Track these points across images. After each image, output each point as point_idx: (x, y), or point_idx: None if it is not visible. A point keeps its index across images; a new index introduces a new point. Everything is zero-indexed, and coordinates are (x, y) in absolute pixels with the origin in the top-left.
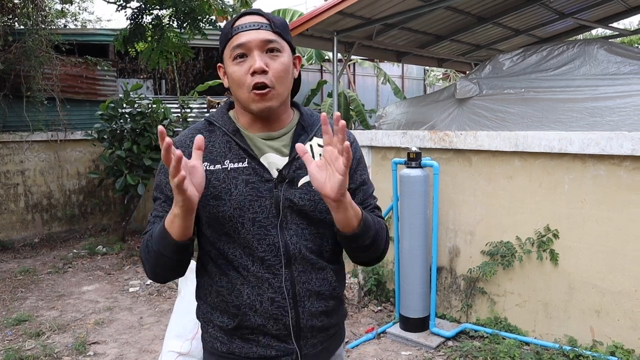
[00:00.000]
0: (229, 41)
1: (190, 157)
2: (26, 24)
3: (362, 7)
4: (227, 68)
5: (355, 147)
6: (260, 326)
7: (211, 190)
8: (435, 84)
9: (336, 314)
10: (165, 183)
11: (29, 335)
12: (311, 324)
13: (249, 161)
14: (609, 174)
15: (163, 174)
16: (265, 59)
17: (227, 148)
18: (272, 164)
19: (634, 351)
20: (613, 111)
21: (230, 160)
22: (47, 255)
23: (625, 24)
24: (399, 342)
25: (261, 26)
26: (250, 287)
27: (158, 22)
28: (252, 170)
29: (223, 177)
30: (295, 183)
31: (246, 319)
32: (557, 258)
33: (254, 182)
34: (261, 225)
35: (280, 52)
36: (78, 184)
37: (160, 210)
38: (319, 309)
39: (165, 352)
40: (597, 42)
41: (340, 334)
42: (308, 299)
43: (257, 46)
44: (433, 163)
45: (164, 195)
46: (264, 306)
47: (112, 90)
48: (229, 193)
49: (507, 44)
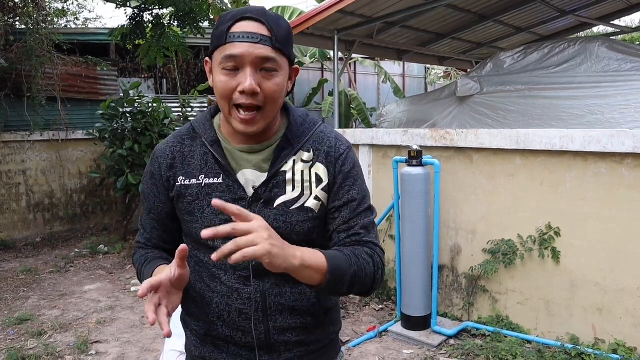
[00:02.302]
0: (221, 47)
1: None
2: (27, 24)
3: (363, 6)
4: (215, 73)
5: (343, 160)
6: (228, 337)
7: (185, 205)
8: (436, 83)
9: (320, 329)
10: (149, 193)
11: (31, 334)
12: (284, 339)
13: (224, 177)
14: (610, 172)
15: (145, 184)
16: (258, 78)
17: (204, 161)
18: (249, 181)
19: (636, 349)
20: (614, 109)
21: (205, 175)
22: (49, 254)
23: (626, 22)
24: (401, 340)
25: (260, 39)
26: (220, 297)
27: (158, 21)
28: (226, 187)
29: (197, 193)
30: (271, 203)
31: (214, 328)
32: (558, 256)
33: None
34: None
35: (276, 72)
36: (79, 184)
37: (147, 219)
38: (292, 324)
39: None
40: (599, 40)
41: (329, 349)
42: (280, 314)
43: (251, 63)
44: (434, 161)
45: (149, 204)
46: (232, 317)
47: (113, 89)
48: (201, 210)
49: (508, 42)
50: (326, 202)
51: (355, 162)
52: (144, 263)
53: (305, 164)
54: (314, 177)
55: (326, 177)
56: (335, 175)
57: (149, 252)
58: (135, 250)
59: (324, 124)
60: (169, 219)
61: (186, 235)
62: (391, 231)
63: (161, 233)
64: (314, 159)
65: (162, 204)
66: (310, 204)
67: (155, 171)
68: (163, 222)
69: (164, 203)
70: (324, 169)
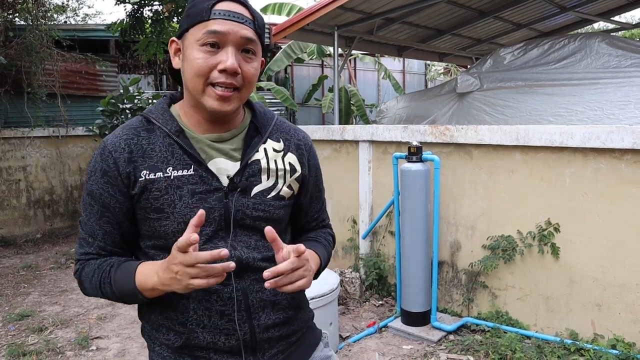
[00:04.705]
0: (203, 22)
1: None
2: (27, 20)
3: (363, 2)
4: (188, 50)
5: (313, 152)
6: (210, 343)
7: (152, 202)
8: (436, 79)
9: (296, 321)
10: (101, 194)
11: (32, 330)
12: (268, 335)
13: (195, 168)
14: (610, 168)
15: (94, 184)
16: (238, 59)
17: (170, 152)
18: (222, 170)
19: (634, 344)
20: (614, 105)
21: (173, 167)
22: (49, 250)
23: (627, 18)
24: (401, 336)
25: (245, 21)
26: (197, 302)
27: (157, 16)
28: (198, 179)
29: (165, 187)
30: (248, 192)
31: (194, 337)
32: (558, 252)
33: (201, 192)
34: (208, 239)
35: (254, 56)
36: (80, 180)
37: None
38: (276, 320)
39: None
40: (599, 36)
41: (308, 337)
42: (263, 310)
43: (235, 42)
44: (434, 157)
45: (100, 206)
46: (213, 321)
47: (113, 86)
48: (172, 206)
49: (508, 38)
50: (296, 191)
51: (316, 154)
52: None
53: (277, 154)
54: (287, 166)
55: (299, 167)
56: (309, 167)
57: (107, 259)
58: (83, 265)
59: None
60: (126, 220)
61: (148, 237)
62: (391, 227)
63: (117, 238)
64: (285, 149)
65: (119, 203)
66: (283, 192)
67: (108, 168)
68: (120, 225)
69: (122, 203)
70: (296, 159)
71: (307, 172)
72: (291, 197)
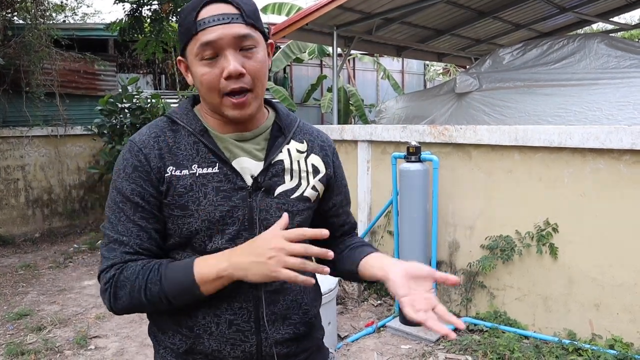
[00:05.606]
0: (193, 37)
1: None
2: (25, 19)
3: (362, 1)
4: (193, 67)
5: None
6: (214, 351)
7: (177, 199)
8: (435, 79)
9: (308, 339)
10: (133, 189)
11: (31, 329)
12: (275, 351)
13: (220, 166)
14: (608, 168)
15: (126, 181)
16: (240, 59)
17: (195, 150)
18: (246, 170)
19: (632, 344)
20: (613, 105)
21: (198, 165)
22: (48, 250)
23: (626, 19)
24: (399, 335)
25: (232, 18)
26: (207, 307)
27: (156, 16)
28: (223, 177)
29: (190, 184)
30: (271, 192)
31: (199, 343)
32: (556, 252)
33: (225, 190)
34: (230, 239)
35: (255, 48)
36: (78, 179)
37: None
38: (285, 335)
39: None
40: (598, 37)
41: (315, 356)
42: (273, 324)
43: (229, 44)
44: (433, 157)
45: (134, 203)
46: (221, 329)
47: (111, 85)
48: (197, 203)
49: (507, 39)
50: (321, 193)
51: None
52: (160, 266)
53: (301, 154)
54: (310, 168)
55: (323, 168)
56: (334, 168)
57: (152, 260)
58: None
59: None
60: (161, 214)
61: (170, 235)
62: (389, 227)
63: (153, 234)
64: (308, 150)
65: (152, 197)
66: (307, 194)
67: (139, 163)
68: (156, 221)
69: (155, 197)
70: (320, 161)
71: (332, 172)
72: (315, 200)
